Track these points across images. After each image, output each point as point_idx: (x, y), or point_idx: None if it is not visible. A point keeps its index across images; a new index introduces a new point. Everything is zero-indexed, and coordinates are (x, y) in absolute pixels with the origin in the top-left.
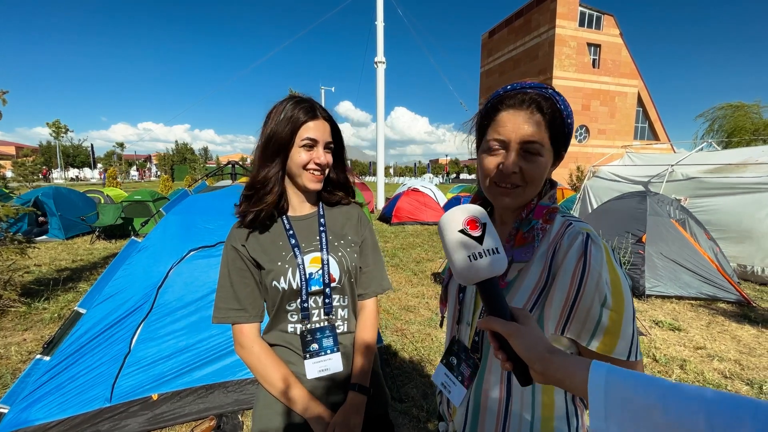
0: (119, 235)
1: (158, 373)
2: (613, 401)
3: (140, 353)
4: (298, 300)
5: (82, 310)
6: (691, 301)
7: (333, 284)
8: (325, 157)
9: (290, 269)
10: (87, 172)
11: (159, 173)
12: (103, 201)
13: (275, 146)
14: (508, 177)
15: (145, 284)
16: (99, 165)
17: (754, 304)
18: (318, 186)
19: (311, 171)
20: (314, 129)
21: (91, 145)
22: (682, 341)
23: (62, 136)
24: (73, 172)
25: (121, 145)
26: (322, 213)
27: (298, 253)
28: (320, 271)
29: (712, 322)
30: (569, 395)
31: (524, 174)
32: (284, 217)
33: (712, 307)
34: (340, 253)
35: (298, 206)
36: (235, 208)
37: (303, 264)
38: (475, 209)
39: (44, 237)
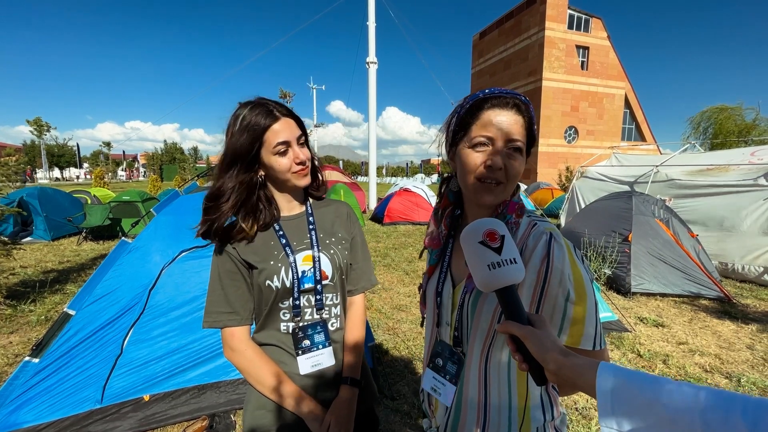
0: (107, 236)
1: (150, 374)
2: (619, 398)
3: (132, 354)
4: (291, 298)
5: (71, 312)
6: (675, 298)
7: (325, 281)
8: (303, 153)
9: (283, 268)
10: (73, 172)
11: (147, 173)
12: (90, 201)
13: (233, 158)
14: (494, 173)
15: (137, 285)
16: (85, 164)
17: (734, 301)
18: (307, 181)
19: (297, 172)
20: (281, 131)
21: (77, 144)
22: (666, 337)
23: (45, 135)
24: (58, 172)
25: (107, 144)
26: (310, 212)
27: (289, 252)
28: (312, 269)
29: (694, 318)
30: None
31: (507, 171)
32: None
33: (695, 303)
34: (332, 251)
35: (287, 207)
36: (197, 230)
37: (295, 262)
38: (494, 222)
39: (29, 238)
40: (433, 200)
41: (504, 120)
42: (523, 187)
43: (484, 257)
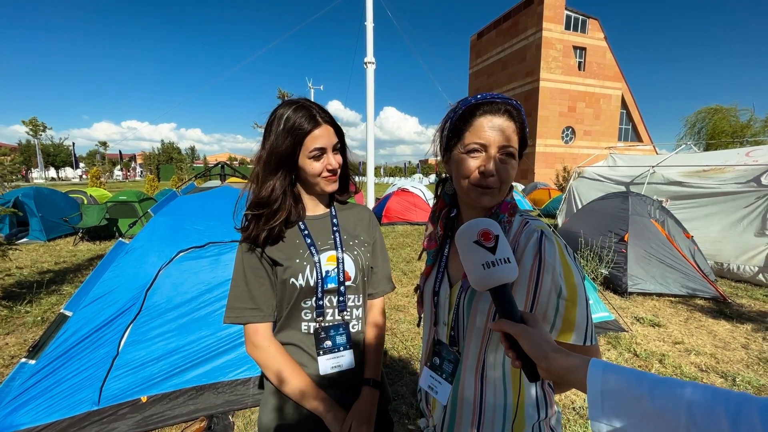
0: (104, 236)
1: (148, 375)
2: (608, 393)
3: (129, 355)
4: (314, 298)
5: (68, 313)
6: (671, 298)
7: (348, 283)
8: (335, 160)
9: (308, 266)
10: (68, 172)
11: (144, 173)
12: (86, 201)
13: (277, 160)
14: (488, 178)
15: (134, 286)
16: (81, 164)
17: (729, 301)
18: (334, 187)
19: (326, 177)
20: (320, 137)
21: (73, 143)
22: (662, 336)
23: (40, 135)
24: (53, 172)
25: (104, 144)
26: (334, 213)
27: (314, 251)
28: (336, 269)
29: (690, 318)
30: (538, 384)
31: (500, 175)
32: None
33: (691, 303)
34: (355, 252)
35: (312, 208)
36: (241, 232)
37: (320, 262)
38: (489, 222)
39: (25, 239)
40: (431, 200)
41: (496, 126)
42: (520, 187)
43: (478, 256)
